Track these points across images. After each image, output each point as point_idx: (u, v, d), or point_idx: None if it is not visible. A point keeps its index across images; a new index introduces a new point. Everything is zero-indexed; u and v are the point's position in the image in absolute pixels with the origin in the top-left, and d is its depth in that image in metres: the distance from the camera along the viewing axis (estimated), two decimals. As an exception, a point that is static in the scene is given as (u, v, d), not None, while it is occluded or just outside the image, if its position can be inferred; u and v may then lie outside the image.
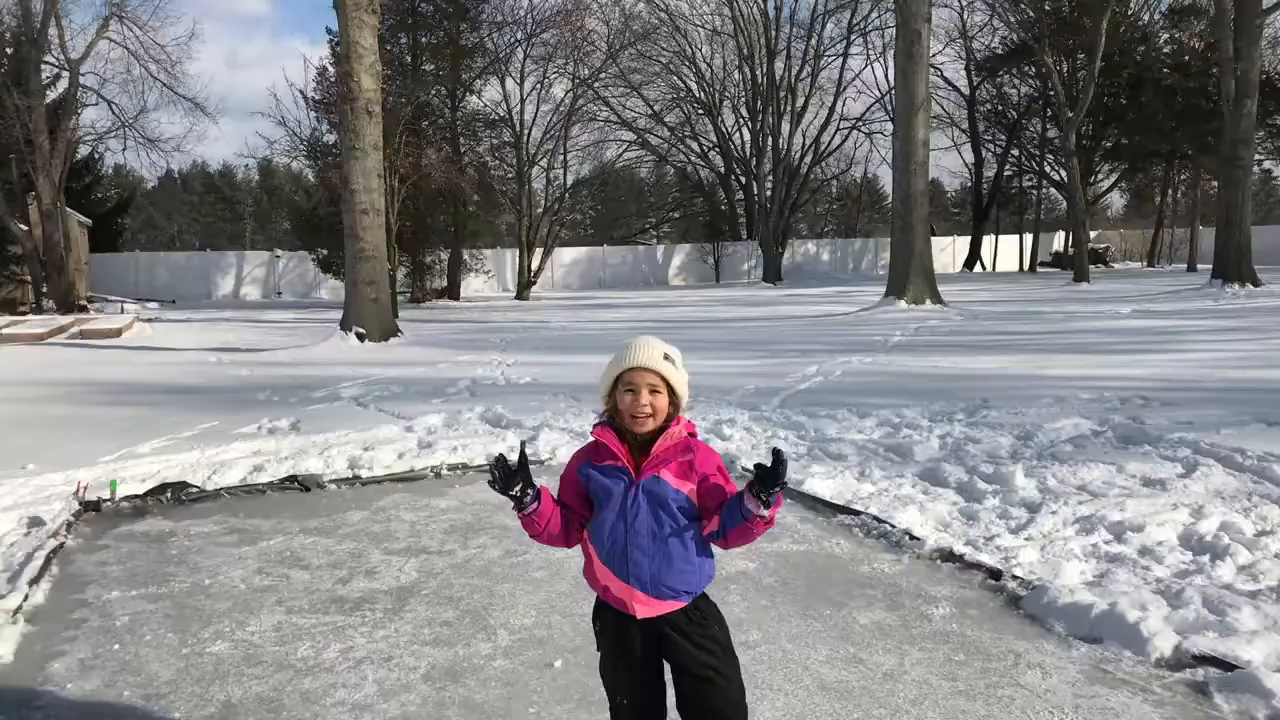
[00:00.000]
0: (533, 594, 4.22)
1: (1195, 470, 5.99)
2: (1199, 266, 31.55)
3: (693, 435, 2.36)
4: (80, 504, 5.59)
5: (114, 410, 9.43)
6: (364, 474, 6.41)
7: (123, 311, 24.38)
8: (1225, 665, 3.24)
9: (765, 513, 2.17)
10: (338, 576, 4.50)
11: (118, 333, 18.81)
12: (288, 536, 5.15)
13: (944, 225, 59.48)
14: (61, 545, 4.90)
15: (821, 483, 5.98)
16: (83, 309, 24.46)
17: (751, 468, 2.21)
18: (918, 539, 4.77)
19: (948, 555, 4.55)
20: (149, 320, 22.41)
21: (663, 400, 2.31)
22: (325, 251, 27.59)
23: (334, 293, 30.81)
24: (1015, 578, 4.18)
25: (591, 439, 2.38)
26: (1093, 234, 44.55)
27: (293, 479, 6.17)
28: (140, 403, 9.88)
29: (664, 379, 2.31)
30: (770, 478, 2.12)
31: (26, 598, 4.09)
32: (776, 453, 2.14)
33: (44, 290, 25.34)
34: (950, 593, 4.13)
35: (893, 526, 4.98)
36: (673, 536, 2.30)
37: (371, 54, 15.00)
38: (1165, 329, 15.22)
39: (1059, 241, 44.77)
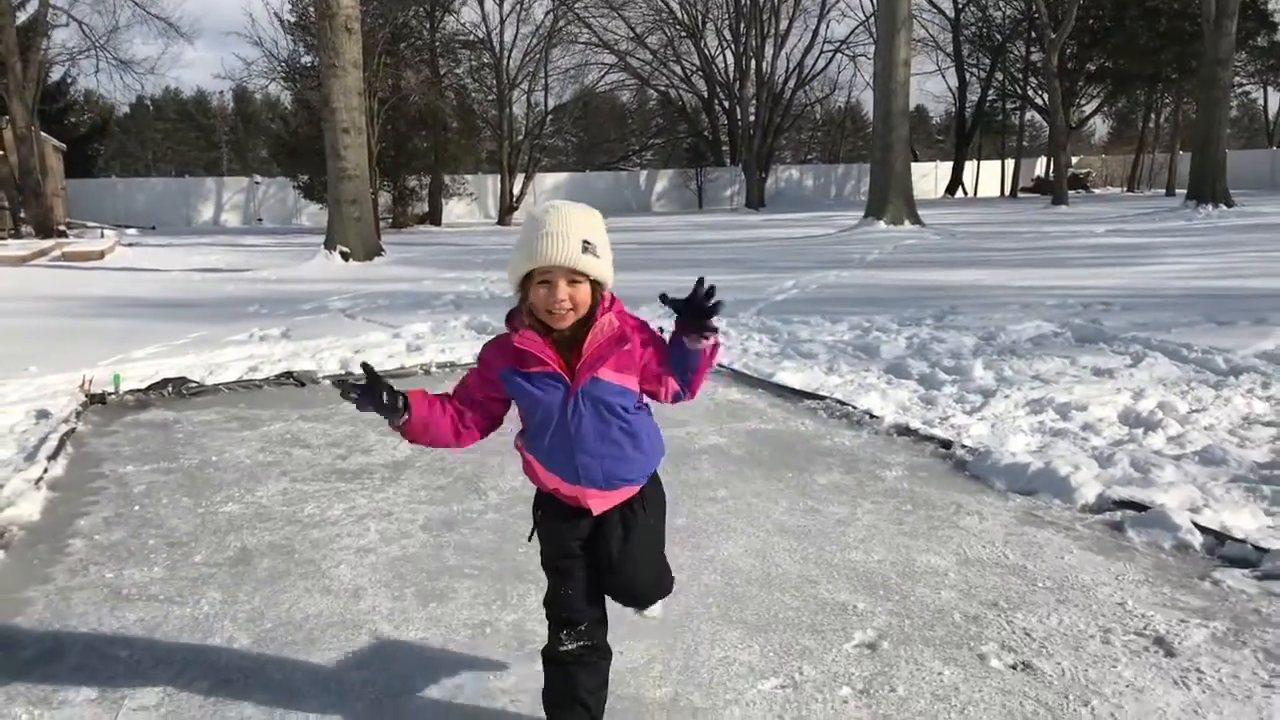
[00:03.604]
0: (520, 464, 4.54)
1: (1142, 361, 6.37)
2: (1178, 190, 31.81)
3: (621, 313, 2.05)
4: (87, 396, 5.86)
5: (106, 321, 9.63)
6: (356, 371, 6.68)
7: (102, 236, 24.27)
8: (1140, 507, 3.62)
9: (705, 343, 1.94)
10: (336, 454, 4.82)
11: (100, 255, 18.81)
12: (287, 423, 5.45)
13: (928, 152, 59.26)
14: (73, 430, 5.18)
15: (791, 375, 6.32)
16: (62, 234, 24.33)
17: (673, 307, 1.93)
18: (877, 418, 5.13)
19: (903, 430, 4.91)
20: (130, 245, 22.37)
21: (584, 291, 1.96)
22: (306, 176, 27.38)
23: (314, 219, 30.66)
24: (964, 447, 4.54)
25: (505, 335, 2.05)
26: (1074, 160, 44.61)
27: (288, 374, 6.45)
28: (131, 315, 10.08)
29: (584, 273, 1.95)
30: (698, 308, 1.87)
31: (46, 470, 4.39)
32: (699, 282, 1.86)
33: (21, 215, 25.13)
34: (903, 460, 4.50)
35: (854, 408, 5.33)
36: (623, 435, 2.06)
37: (349, -32, 14.83)
38: (1135, 245, 15.56)
39: (1041, 167, 44.81)
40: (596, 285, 1.99)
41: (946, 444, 4.62)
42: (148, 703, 2.50)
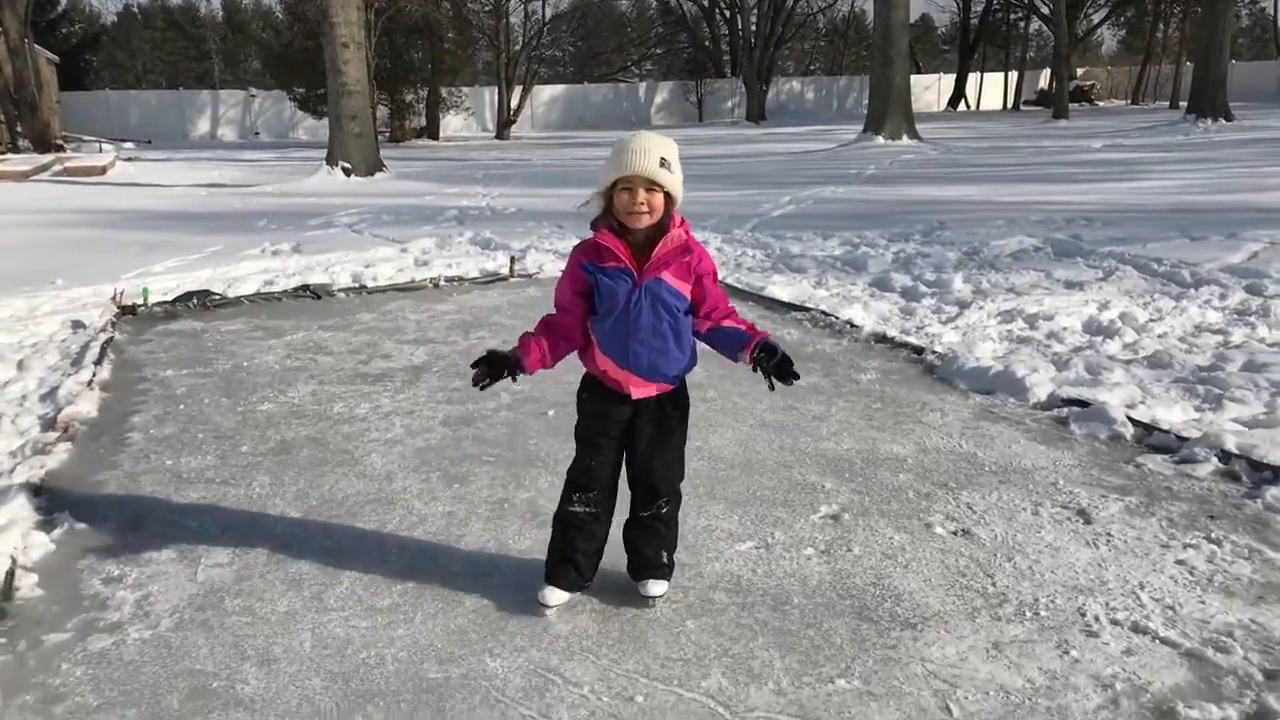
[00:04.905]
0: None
1: (1113, 275, 6.75)
2: (1181, 103, 31.56)
3: (689, 234, 2.48)
4: (118, 307, 6.24)
5: (122, 234, 9.96)
6: (369, 284, 7.06)
7: (101, 151, 24.27)
8: (1083, 404, 4.05)
9: (749, 362, 2.47)
10: (358, 359, 5.23)
11: (102, 170, 18.94)
12: (308, 332, 5.85)
13: (932, 63, 58.26)
14: (111, 339, 5.58)
15: (781, 288, 6.70)
16: (59, 148, 24.29)
17: (767, 357, 2.45)
18: (857, 327, 5.53)
19: (880, 338, 5.32)
20: (130, 159, 22.42)
21: (659, 198, 2.38)
22: (303, 90, 27.21)
23: (312, 132, 30.54)
24: (934, 352, 4.95)
25: (591, 238, 2.46)
26: (1080, 72, 44.03)
27: (305, 287, 6.83)
28: (145, 229, 10.38)
29: (660, 183, 2.37)
30: (779, 370, 2.45)
31: (95, 374, 4.80)
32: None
33: (18, 129, 25.05)
34: (878, 365, 4.91)
35: (837, 318, 5.73)
36: (670, 331, 2.46)
37: (343, -124, 14.62)
38: (1128, 161, 15.74)
39: (1045, 79, 44.23)
40: (670, 200, 2.41)
41: (919, 350, 5.03)
42: (221, 561, 2.96)
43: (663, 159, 2.37)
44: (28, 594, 2.77)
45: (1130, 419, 3.84)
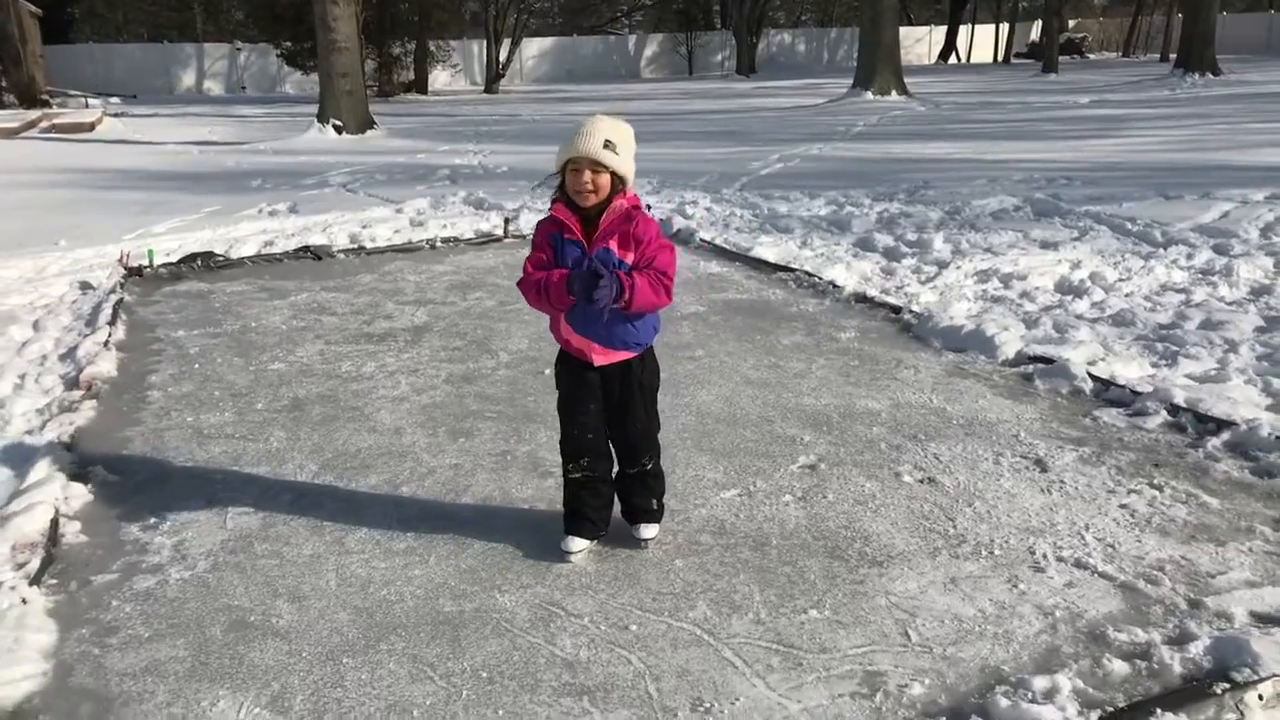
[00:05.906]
0: (524, 329, 5.20)
1: (1087, 234, 6.99)
2: (1171, 55, 31.53)
3: (636, 207, 2.65)
4: (125, 269, 6.43)
5: (120, 194, 10.08)
6: (368, 245, 7.25)
7: (87, 106, 24.11)
8: (1048, 361, 4.32)
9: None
10: (362, 320, 5.45)
11: (90, 126, 18.89)
12: (311, 293, 6.05)
13: (924, 14, 57.71)
14: (121, 300, 5.78)
15: (767, 249, 6.92)
16: (45, 103, 24.12)
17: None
18: (839, 287, 5.77)
19: (861, 298, 5.56)
20: (117, 115, 22.28)
21: (604, 178, 2.57)
22: (290, 43, 26.96)
23: (299, 87, 30.29)
24: (911, 312, 5.20)
25: (549, 214, 2.69)
26: (1071, 23, 43.78)
27: (306, 249, 7.02)
28: (140, 189, 10.50)
29: (604, 164, 2.56)
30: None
31: (110, 334, 5.01)
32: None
33: (2, 84, 24.83)
34: (858, 324, 5.16)
35: (820, 279, 5.96)
36: None
37: None
38: (1113, 117, 15.89)
39: (1036, 32, 43.97)
40: (617, 178, 2.59)
41: (896, 309, 5.28)
42: (247, 509, 3.21)
43: (608, 141, 2.56)
44: (72, 540, 3.02)
45: (1090, 375, 4.11)
